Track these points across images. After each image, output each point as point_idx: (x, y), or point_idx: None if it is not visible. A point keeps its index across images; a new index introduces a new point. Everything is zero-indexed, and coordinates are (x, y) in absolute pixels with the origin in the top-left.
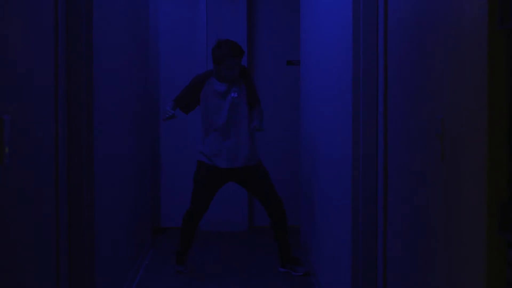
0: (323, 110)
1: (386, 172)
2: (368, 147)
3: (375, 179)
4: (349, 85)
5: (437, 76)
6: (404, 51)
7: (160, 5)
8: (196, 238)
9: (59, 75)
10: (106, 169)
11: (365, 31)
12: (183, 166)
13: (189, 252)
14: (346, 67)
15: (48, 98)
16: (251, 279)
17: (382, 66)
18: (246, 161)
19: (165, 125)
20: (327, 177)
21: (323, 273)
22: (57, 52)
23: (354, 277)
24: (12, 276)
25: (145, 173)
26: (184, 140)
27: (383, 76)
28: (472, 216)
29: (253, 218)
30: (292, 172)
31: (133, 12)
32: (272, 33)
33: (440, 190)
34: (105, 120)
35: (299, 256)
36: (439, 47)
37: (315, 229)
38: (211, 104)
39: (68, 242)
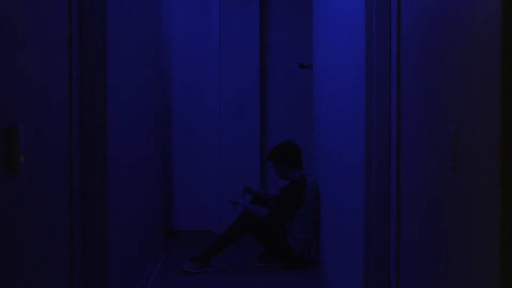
0: (336, 116)
1: (399, 181)
2: (381, 156)
3: (388, 189)
4: (362, 92)
5: (450, 84)
6: (417, 58)
7: (172, 11)
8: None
9: (73, 83)
10: (119, 174)
11: (378, 35)
12: (195, 169)
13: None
14: (359, 72)
15: (63, 106)
16: (256, 274)
17: (395, 72)
18: None
19: (178, 128)
20: (340, 182)
21: (335, 275)
22: (71, 60)
23: (367, 282)
24: (26, 286)
25: (157, 177)
26: (196, 143)
27: (396, 82)
28: (485, 228)
29: None
30: None
31: (145, 19)
32: (284, 36)
33: (453, 200)
34: (118, 125)
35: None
36: (451, 55)
37: (328, 231)
38: None
39: (81, 248)
